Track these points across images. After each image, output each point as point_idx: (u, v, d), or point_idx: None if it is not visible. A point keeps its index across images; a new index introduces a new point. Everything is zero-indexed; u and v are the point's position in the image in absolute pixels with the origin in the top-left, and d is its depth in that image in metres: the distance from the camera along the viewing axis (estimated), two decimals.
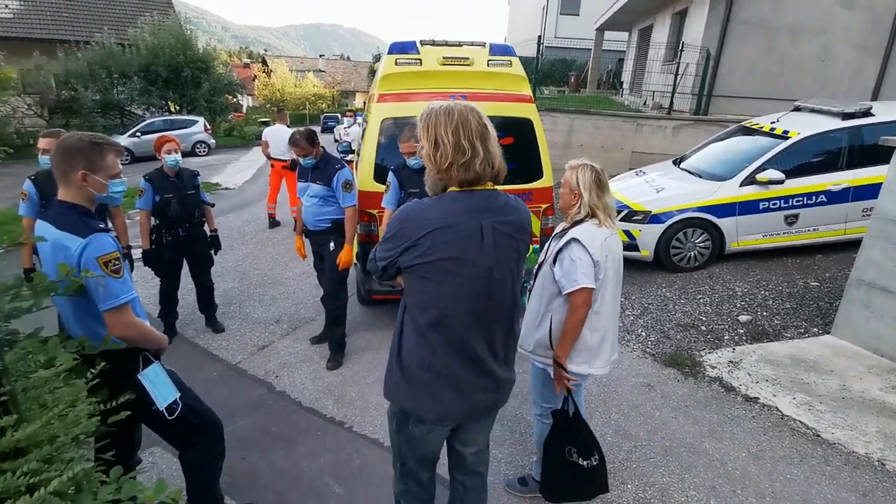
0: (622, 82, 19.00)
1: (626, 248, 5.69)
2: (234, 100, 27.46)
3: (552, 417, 2.34)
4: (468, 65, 4.40)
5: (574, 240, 2.19)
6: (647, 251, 5.68)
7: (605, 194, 2.26)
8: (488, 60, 4.43)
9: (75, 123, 19.45)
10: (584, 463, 2.31)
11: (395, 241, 1.60)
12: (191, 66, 19.54)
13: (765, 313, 4.66)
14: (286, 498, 2.68)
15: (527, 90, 4.57)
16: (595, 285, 2.18)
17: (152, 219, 4.08)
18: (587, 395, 3.48)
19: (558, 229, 2.40)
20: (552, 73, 26.89)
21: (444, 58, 4.37)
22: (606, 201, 2.27)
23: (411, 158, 3.48)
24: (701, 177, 5.93)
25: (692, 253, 5.67)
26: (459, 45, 4.54)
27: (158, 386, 2.12)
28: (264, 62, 52.53)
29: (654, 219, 5.58)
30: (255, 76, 47.33)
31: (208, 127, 18.99)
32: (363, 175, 4.26)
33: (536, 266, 2.47)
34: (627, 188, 6.27)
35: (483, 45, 4.55)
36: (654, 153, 9.50)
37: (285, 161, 7.75)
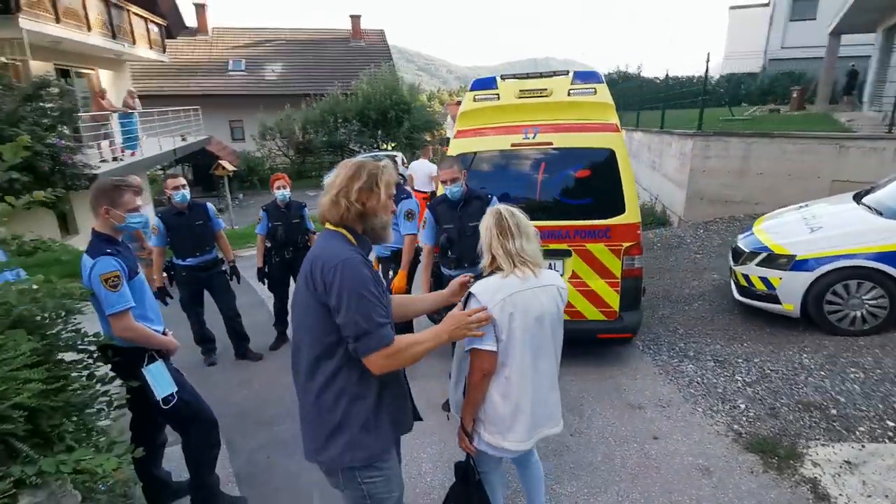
0: (859, 95, 15.46)
1: (764, 298, 4.72)
2: (438, 135, 30.27)
3: (456, 468, 2.17)
4: (546, 96, 4.27)
5: (470, 294, 1.97)
6: (790, 305, 4.58)
7: (511, 240, 1.97)
8: (569, 90, 4.24)
9: (310, 161, 23.91)
10: None
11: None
12: (395, 108, 22.33)
13: None
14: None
15: (612, 118, 4.21)
16: (493, 347, 1.93)
17: (267, 242, 4.90)
18: (619, 465, 3.02)
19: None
20: (774, 88, 23.26)
21: (520, 91, 4.32)
22: (511, 247, 1.98)
23: (453, 185, 3.50)
24: (882, 214, 4.55)
25: (858, 312, 4.37)
26: (540, 76, 4.43)
27: (158, 380, 2.60)
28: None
29: (800, 265, 4.48)
30: None
31: (405, 161, 21.36)
32: None
33: None
34: (776, 226, 5.17)
35: (566, 73, 4.36)
36: (865, 182, 7.52)
37: (426, 193, 8.38)
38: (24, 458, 2.10)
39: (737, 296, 5.13)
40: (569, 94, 4.24)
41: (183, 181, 4.51)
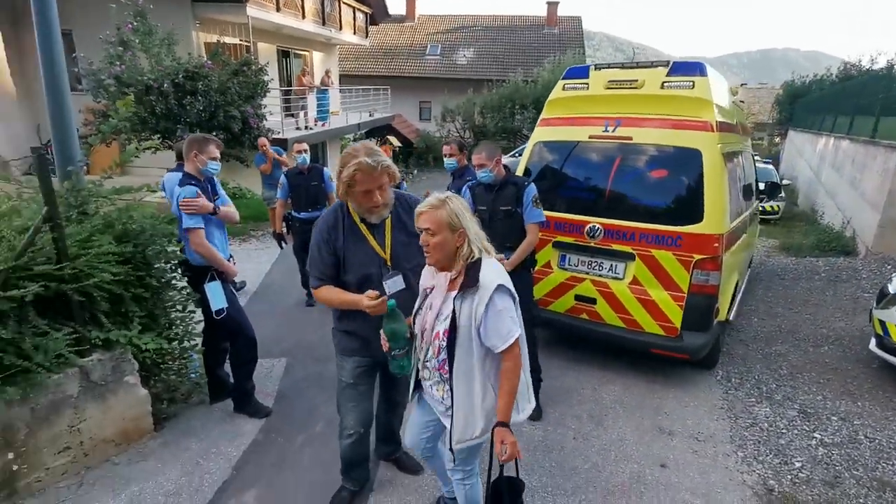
0: None
1: (890, 350, 3.84)
2: None
3: (494, 489, 2.00)
4: (636, 87, 3.99)
5: (500, 287, 1.88)
6: None
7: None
8: (663, 82, 3.90)
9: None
10: None
11: None
12: None
13: None
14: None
15: (708, 115, 3.77)
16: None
17: None
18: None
19: (441, 286, 2.02)
20: None
21: (609, 81, 4.11)
22: (480, 229, 2.03)
23: (481, 171, 3.55)
24: None
25: None
26: (636, 66, 4.13)
27: (215, 295, 3.27)
28: None
29: None
30: None
31: None
32: None
33: (441, 340, 1.98)
34: None
35: (666, 64, 4.00)
36: None
37: None
38: (105, 329, 2.91)
39: (871, 346, 4.19)
40: (662, 87, 3.90)
41: (306, 147, 5.32)
